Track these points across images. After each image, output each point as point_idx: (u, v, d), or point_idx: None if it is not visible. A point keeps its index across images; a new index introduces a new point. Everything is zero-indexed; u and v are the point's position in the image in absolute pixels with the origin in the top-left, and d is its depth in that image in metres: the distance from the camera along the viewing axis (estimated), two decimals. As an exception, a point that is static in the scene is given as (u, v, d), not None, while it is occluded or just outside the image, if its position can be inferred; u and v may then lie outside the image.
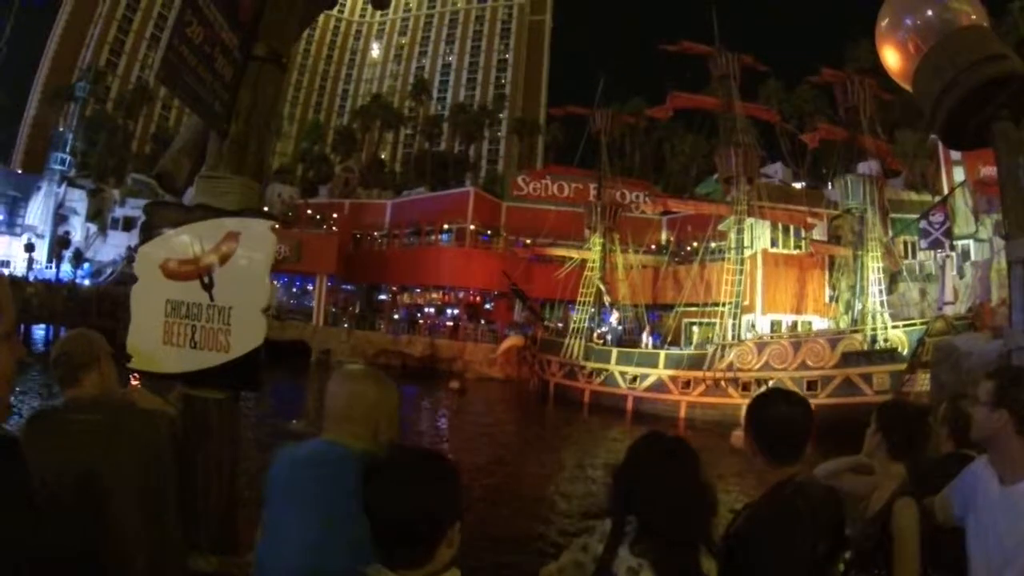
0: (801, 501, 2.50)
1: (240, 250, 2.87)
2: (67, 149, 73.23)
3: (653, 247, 42.62)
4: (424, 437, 22.65)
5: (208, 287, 2.88)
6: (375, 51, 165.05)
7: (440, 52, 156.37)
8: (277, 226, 2.94)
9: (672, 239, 40.98)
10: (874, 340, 28.43)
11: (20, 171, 79.25)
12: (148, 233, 3.03)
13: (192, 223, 2.93)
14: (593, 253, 38.53)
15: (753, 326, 32.54)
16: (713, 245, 35.83)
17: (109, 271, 60.04)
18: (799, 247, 34.14)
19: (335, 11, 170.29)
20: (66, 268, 58.60)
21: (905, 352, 27.01)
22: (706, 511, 2.41)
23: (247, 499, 3.24)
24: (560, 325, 38.93)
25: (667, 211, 40.29)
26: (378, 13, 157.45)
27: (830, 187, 41.00)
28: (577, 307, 37.83)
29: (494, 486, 16.55)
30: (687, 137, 69.81)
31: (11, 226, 64.24)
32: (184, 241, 2.92)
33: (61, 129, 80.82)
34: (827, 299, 34.14)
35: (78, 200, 68.18)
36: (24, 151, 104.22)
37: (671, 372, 31.17)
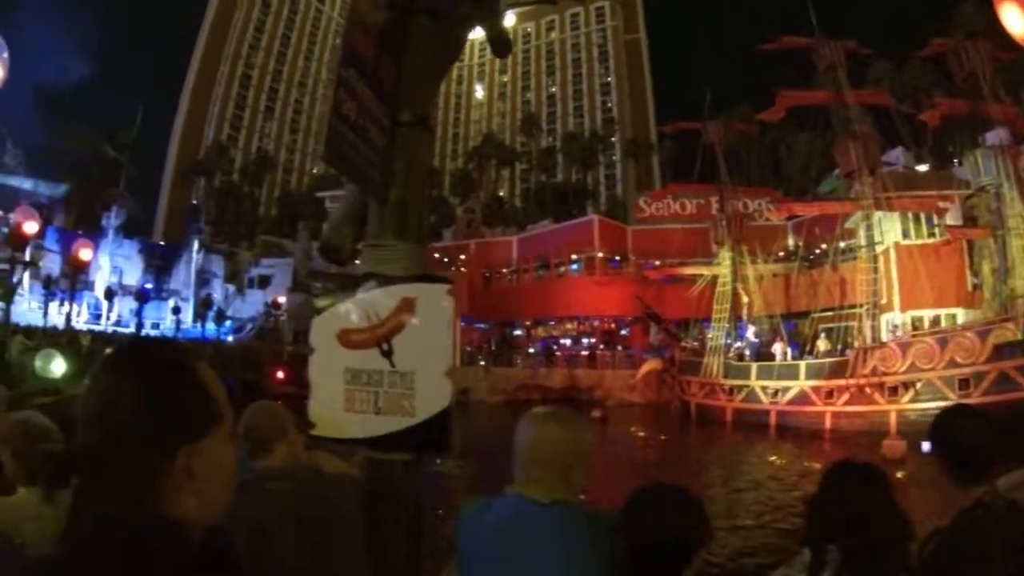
0: (992, 525, 2.34)
1: (418, 315, 2.91)
2: (202, 219, 78.32)
3: (781, 254, 41.26)
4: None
5: (388, 354, 2.93)
6: (479, 92, 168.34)
7: (543, 85, 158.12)
8: (452, 288, 2.98)
9: (800, 244, 39.65)
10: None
11: (162, 242, 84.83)
12: (320, 306, 3.11)
13: (364, 292, 3.00)
14: (723, 268, 37.69)
15: (895, 327, 31.01)
16: (843, 245, 34.42)
17: (249, 327, 63.77)
18: (933, 235, 32.43)
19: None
20: (210, 326, 61.99)
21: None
22: (905, 538, 2.34)
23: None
24: (696, 344, 38.21)
25: (792, 216, 39.00)
26: (476, 55, 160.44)
27: (958, 165, 38.82)
28: (712, 324, 36.97)
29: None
30: (801, 136, 67.70)
31: (159, 291, 68.67)
32: (358, 311, 2.98)
33: (195, 201, 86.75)
34: (970, 287, 32.18)
35: (216, 264, 73.77)
36: (164, 224, 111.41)
37: (813, 382, 29.99)
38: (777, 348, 34.45)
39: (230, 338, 59.48)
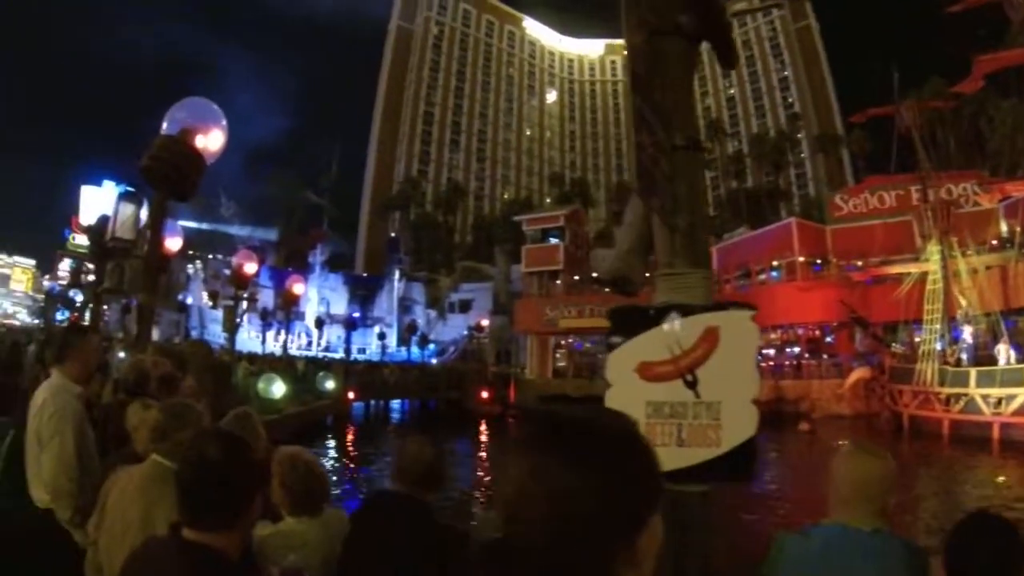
0: None
1: (723, 343, 2.85)
2: (401, 250, 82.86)
3: (995, 243, 37.38)
4: (786, 485, 21.47)
5: (692, 385, 2.88)
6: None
7: (720, 88, 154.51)
8: (755, 314, 2.90)
9: (1017, 228, 35.62)
10: None
11: (365, 274, 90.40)
12: (617, 339, 3.09)
13: (663, 324, 2.95)
14: (931, 263, 34.52)
15: None
16: (1069, 225, 30.82)
17: (452, 349, 66.61)
18: None
19: (609, 76, 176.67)
20: (414, 350, 64.77)
21: None
22: None
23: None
24: (907, 349, 35.68)
25: (1004, 197, 35.46)
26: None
27: None
28: (923, 327, 34.09)
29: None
30: (1004, 104, 61.75)
31: (364, 319, 72.88)
32: (659, 343, 2.94)
33: (393, 234, 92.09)
34: None
35: (417, 291, 78.33)
36: (365, 257, 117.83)
37: None
38: (1000, 350, 30.73)
39: (434, 360, 61.97)
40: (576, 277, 53.51)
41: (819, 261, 48.03)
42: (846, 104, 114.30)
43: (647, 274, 3.28)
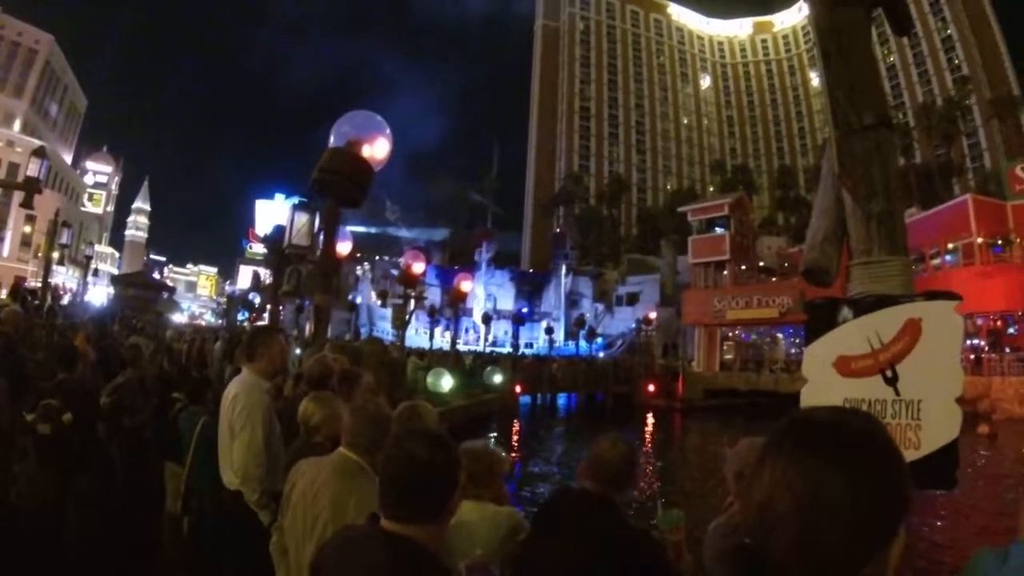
0: None
1: (925, 336, 2.65)
2: (567, 244, 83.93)
3: None
4: (973, 494, 19.77)
5: (892, 381, 2.69)
6: (815, 79, 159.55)
7: (880, 56, 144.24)
8: (959, 304, 2.68)
9: None
10: None
11: (531, 270, 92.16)
12: (814, 332, 2.94)
13: (862, 315, 2.78)
14: None
15: None
16: None
17: (620, 343, 66.68)
18: None
19: (761, 56, 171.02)
20: (582, 344, 65.04)
21: None
22: None
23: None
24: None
25: None
26: (801, 42, 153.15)
27: None
28: None
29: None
30: None
31: (531, 314, 74.12)
32: (857, 335, 2.77)
33: (558, 229, 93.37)
34: None
35: (584, 285, 79.02)
36: (530, 253, 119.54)
37: None
38: None
39: (601, 354, 62.05)
40: (743, 267, 52.14)
41: (1000, 242, 44.27)
42: (1022, 61, 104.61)
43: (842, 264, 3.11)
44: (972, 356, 41.32)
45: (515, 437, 30.43)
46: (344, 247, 17.39)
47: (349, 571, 2.19)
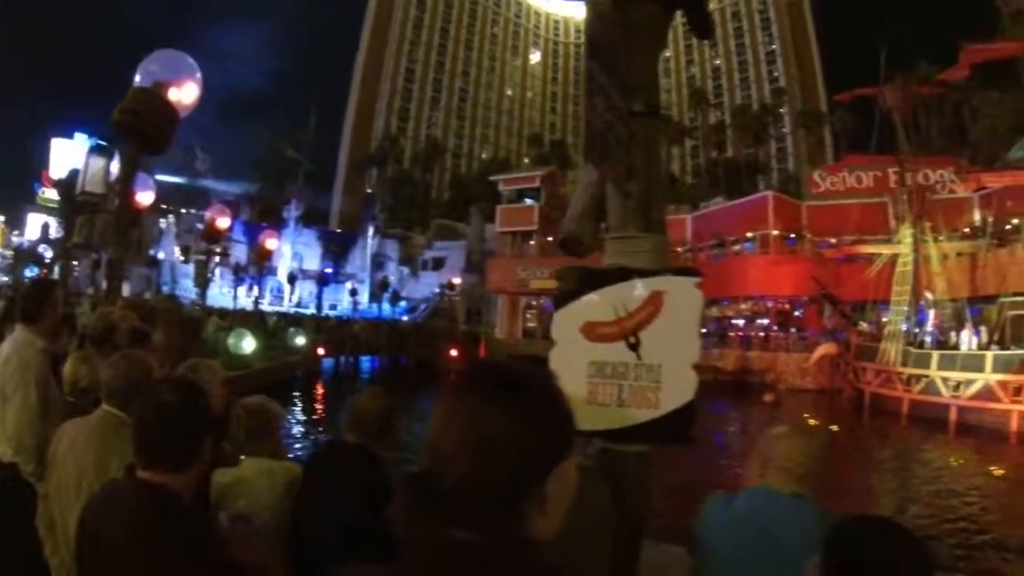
0: None
1: (667, 308, 2.89)
2: (376, 206, 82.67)
3: (967, 231, 38.08)
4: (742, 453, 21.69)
5: (635, 347, 2.93)
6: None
7: (707, 57, 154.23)
8: (701, 280, 2.94)
9: (989, 219, 36.12)
10: None
11: (339, 230, 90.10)
12: (563, 298, 3.13)
13: (610, 285, 2.99)
14: (903, 246, 35.05)
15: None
16: (1039, 220, 31.37)
17: (423, 307, 66.96)
18: None
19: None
20: (386, 307, 64.82)
21: None
22: None
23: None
24: (873, 328, 36.25)
25: (980, 187, 35.76)
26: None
27: None
28: (891, 308, 34.60)
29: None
30: (989, 95, 62.26)
31: (336, 275, 73.00)
32: (605, 304, 2.98)
33: (369, 190, 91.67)
34: None
35: (391, 248, 78.39)
36: (340, 213, 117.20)
37: (1000, 377, 26.97)
38: (963, 336, 31.28)
39: (405, 317, 62.08)
40: (550, 239, 53.70)
41: (793, 236, 48.47)
42: (832, 82, 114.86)
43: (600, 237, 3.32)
44: (762, 334, 44.98)
45: (318, 399, 30.08)
46: (146, 197, 16.29)
47: (108, 523, 2.16)
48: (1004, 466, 20.74)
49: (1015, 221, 33.70)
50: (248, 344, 24.19)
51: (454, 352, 43.79)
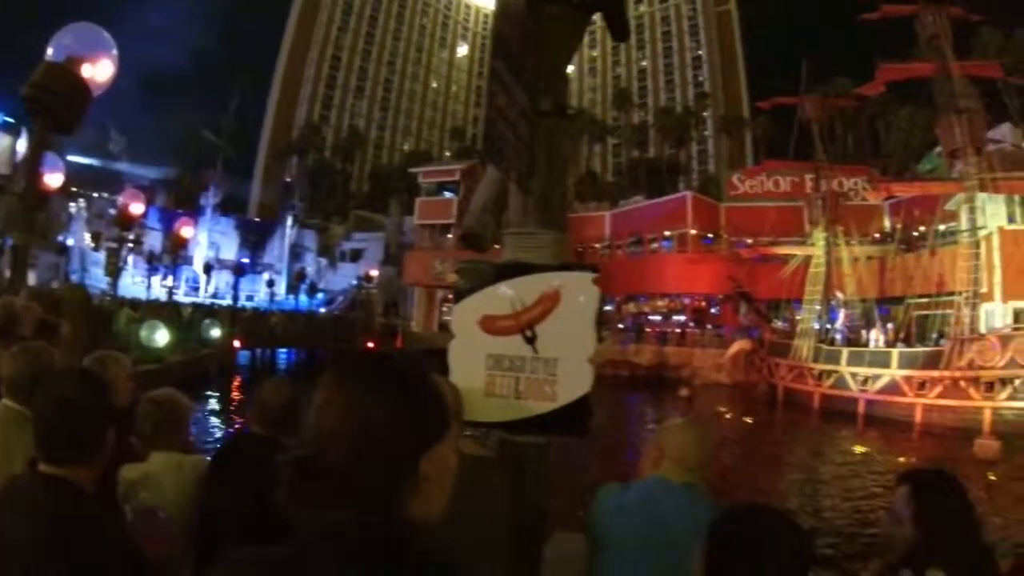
0: None
1: (563, 303, 2.96)
2: (296, 195, 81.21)
3: (877, 236, 39.72)
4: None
5: (531, 340, 2.99)
6: (570, 68, 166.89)
7: (633, 59, 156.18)
8: (598, 276, 3.02)
9: (897, 225, 37.87)
10: None
11: (257, 219, 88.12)
12: (463, 291, 3.18)
13: (508, 280, 3.05)
14: (817, 248, 36.66)
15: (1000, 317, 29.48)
16: (943, 228, 32.85)
17: (340, 299, 66.24)
18: (1042, 220, 30.31)
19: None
20: (303, 298, 63.88)
21: None
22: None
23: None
24: (786, 326, 37.51)
25: (890, 196, 37.34)
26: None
27: (1075, 145, 36.60)
28: (804, 306, 36.17)
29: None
30: (902, 111, 65.27)
31: (254, 265, 71.57)
32: (502, 298, 3.04)
33: (289, 179, 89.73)
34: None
35: (309, 238, 77.17)
36: (259, 201, 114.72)
37: (905, 372, 28.66)
38: (871, 334, 33.31)
39: (322, 310, 61.41)
40: (468, 232, 53.66)
41: (711, 236, 49.71)
42: (755, 90, 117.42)
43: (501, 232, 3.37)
44: (679, 331, 45.95)
45: (235, 394, 29.48)
46: (55, 179, 15.57)
47: (9, 518, 2.11)
48: (907, 455, 22.08)
49: (922, 228, 35.20)
50: (161, 337, 23.46)
51: (371, 345, 43.42)
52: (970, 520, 2.42)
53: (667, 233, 50.33)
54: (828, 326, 35.63)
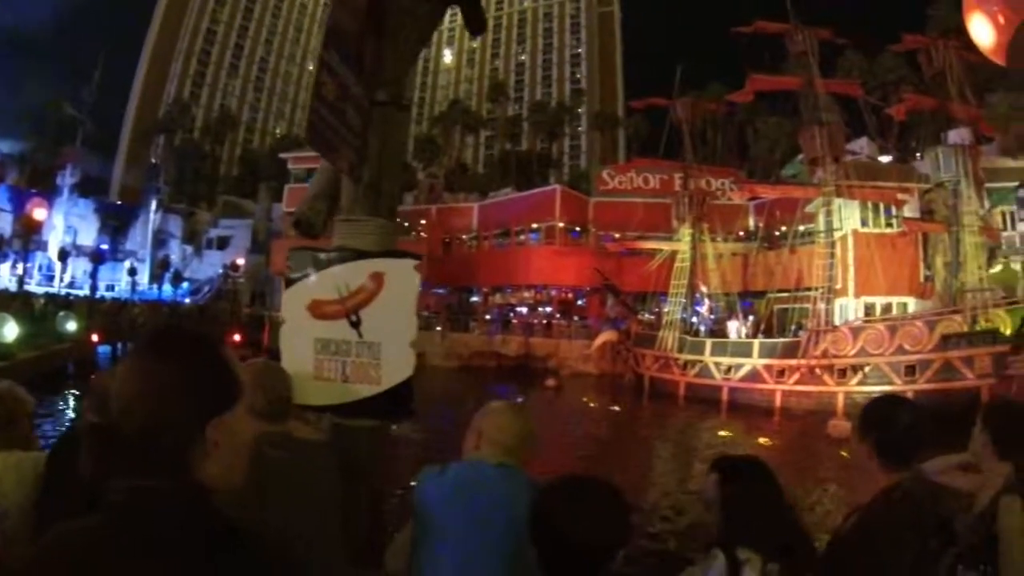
0: (909, 506, 2.59)
1: (386, 289, 3.04)
2: (160, 178, 77.29)
3: (741, 234, 41.51)
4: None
5: (356, 325, 3.06)
6: (447, 57, 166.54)
7: (512, 53, 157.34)
8: (420, 263, 3.11)
9: (760, 225, 40.23)
10: (975, 320, 27.32)
11: (119, 202, 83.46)
12: (292, 277, 3.23)
13: (335, 265, 3.12)
14: (683, 244, 38.19)
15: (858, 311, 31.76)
16: (802, 228, 34.86)
17: (207, 288, 63.95)
18: (890, 225, 33.02)
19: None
20: (167, 288, 61.52)
21: (1008, 332, 25.81)
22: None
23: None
24: (652, 318, 38.74)
25: (754, 196, 39.44)
26: (447, 20, 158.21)
27: (919, 160, 39.33)
28: (669, 299, 37.59)
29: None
30: (769, 119, 68.57)
31: (114, 252, 67.93)
32: (329, 283, 3.10)
33: (154, 160, 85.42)
34: (922, 278, 33.11)
35: (174, 224, 73.66)
36: (121, 183, 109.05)
37: (765, 361, 30.72)
38: (732, 326, 35.27)
39: (187, 300, 59.16)
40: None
41: (578, 229, 50.67)
42: (630, 90, 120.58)
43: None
44: (545, 322, 46.62)
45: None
46: None
47: None
48: (768, 437, 23.77)
49: (783, 228, 37.08)
50: (10, 330, 22.02)
51: (237, 337, 42.10)
52: (777, 502, 2.57)
53: (535, 225, 50.85)
54: (693, 318, 37.10)
